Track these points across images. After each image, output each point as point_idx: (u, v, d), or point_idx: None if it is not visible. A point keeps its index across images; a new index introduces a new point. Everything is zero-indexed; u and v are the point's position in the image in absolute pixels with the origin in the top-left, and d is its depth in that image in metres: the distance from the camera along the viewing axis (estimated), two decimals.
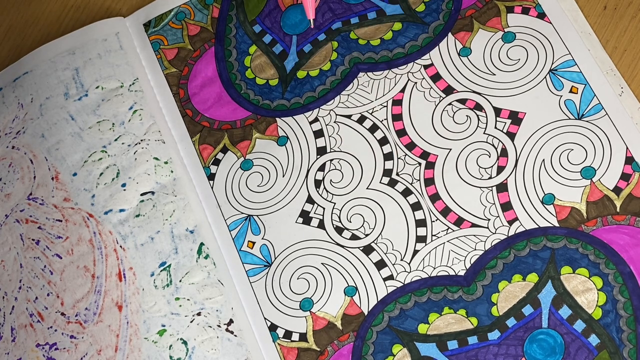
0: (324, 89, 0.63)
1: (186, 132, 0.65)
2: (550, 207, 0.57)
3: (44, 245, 0.62)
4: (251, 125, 0.64)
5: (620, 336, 0.54)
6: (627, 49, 0.60)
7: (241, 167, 0.63)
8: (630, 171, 0.57)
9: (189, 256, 0.61)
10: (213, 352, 0.58)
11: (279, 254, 0.60)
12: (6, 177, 0.65)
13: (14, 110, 0.66)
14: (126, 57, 0.67)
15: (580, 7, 0.61)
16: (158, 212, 0.62)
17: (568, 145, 0.58)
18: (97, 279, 0.61)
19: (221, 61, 0.66)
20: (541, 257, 0.56)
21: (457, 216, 0.58)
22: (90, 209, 0.63)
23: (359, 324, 0.58)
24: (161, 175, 0.63)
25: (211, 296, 0.60)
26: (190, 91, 0.66)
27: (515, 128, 0.59)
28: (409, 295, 0.57)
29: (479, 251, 0.57)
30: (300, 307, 0.59)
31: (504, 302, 0.56)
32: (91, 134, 0.65)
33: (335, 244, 0.60)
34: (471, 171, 0.59)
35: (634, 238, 0.56)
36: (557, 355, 0.54)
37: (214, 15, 0.67)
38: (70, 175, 0.64)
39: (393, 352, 0.57)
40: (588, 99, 0.59)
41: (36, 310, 0.61)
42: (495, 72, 0.61)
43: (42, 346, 0.60)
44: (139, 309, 0.60)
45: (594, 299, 0.55)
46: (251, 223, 0.61)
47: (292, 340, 0.58)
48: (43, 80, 0.66)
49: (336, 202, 0.61)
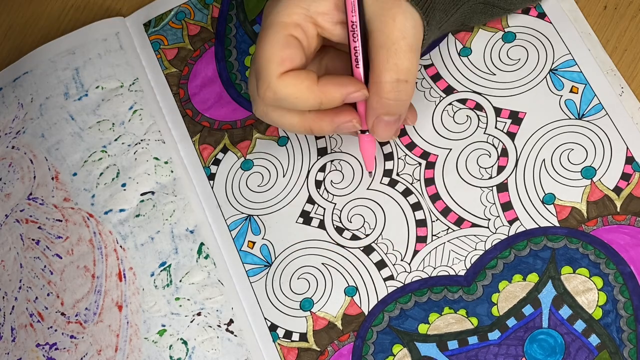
0: None
1: (186, 132, 0.65)
2: (551, 207, 0.57)
3: (44, 245, 0.62)
4: (251, 125, 0.64)
5: (620, 336, 0.54)
6: (627, 49, 0.60)
7: (241, 167, 0.63)
8: (631, 171, 0.57)
9: (189, 256, 0.61)
10: (213, 352, 0.58)
11: (279, 254, 0.60)
12: (6, 177, 0.65)
13: (13, 110, 0.66)
14: (126, 57, 0.67)
15: (580, 7, 0.61)
16: (158, 212, 0.62)
17: (568, 145, 0.58)
18: (97, 279, 0.61)
19: (221, 61, 0.66)
20: (541, 257, 0.56)
21: (457, 216, 0.58)
22: (90, 209, 0.63)
23: (359, 324, 0.58)
24: (161, 175, 0.63)
25: (211, 296, 0.60)
26: (190, 91, 0.66)
27: (515, 128, 0.59)
28: (409, 295, 0.57)
29: (479, 251, 0.57)
30: (301, 307, 0.59)
31: (504, 302, 0.56)
32: (91, 134, 0.65)
33: (336, 244, 0.60)
34: (471, 171, 0.59)
35: (634, 238, 0.56)
36: (558, 355, 0.54)
37: (214, 15, 0.67)
38: (70, 175, 0.64)
39: (393, 352, 0.57)
40: (588, 98, 0.59)
41: (36, 310, 0.61)
42: (496, 72, 0.61)
43: (42, 346, 0.60)
44: (139, 309, 0.60)
45: (595, 299, 0.55)
46: (251, 223, 0.61)
47: (292, 340, 0.58)
48: (43, 80, 0.66)
49: (337, 203, 0.61)
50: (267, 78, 0.52)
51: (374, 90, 0.53)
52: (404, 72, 0.52)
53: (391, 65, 0.52)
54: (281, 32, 0.52)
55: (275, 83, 0.52)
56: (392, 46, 0.52)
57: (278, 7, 0.53)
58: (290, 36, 0.53)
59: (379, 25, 0.52)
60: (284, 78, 0.52)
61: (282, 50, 0.52)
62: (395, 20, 0.52)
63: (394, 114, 0.54)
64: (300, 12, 0.53)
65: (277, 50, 0.52)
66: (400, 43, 0.52)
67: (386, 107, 0.54)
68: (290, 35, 0.53)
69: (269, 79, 0.52)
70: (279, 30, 0.52)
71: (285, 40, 0.53)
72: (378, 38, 0.52)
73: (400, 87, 0.52)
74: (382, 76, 0.52)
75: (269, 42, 0.52)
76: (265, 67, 0.52)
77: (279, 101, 0.53)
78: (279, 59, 0.52)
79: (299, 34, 0.53)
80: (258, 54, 0.53)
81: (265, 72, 0.52)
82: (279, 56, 0.52)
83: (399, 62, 0.52)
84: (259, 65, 0.53)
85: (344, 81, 0.53)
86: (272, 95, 0.53)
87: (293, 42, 0.53)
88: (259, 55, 0.53)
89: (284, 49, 0.52)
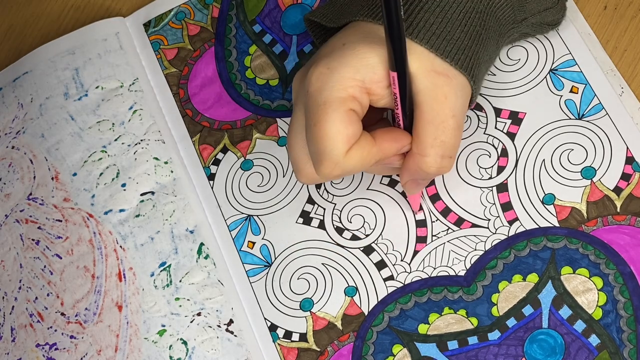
0: None
1: (186, 132, 0.65)
2: (551, 207, 0.57)
3: (43, 246, 0.62)
4: (251, 125, 0.64)
5: (620, 336, 0.54)
6: (627, 49, 0.60)
7: (241, 167, 0.63)
8: (631, 171, 0.57)
9: (189, 256, 0.61)
10: (213, 352, 0.58)
11: (279, 254, 0.60)
12: (6, 177, 0.65)
13: (13, 110, 0.66)
14: (126, 57, 0.67)
15: (580, 7, 0.61)
16: (158, 212, 0.62)
17: (568, 145, 0.58)
18: (97, 279, 0.61)
19: (221, 61, 0.66)
20: (541, 257, 0.56)
21: (457, 216, 0.58)
22: (90, 209, 0.63)
23: (359, 324, 0.58)
24: (161, 175, 0.63)
25: (211, 296, 0.60)
26: (190, 91, 0.66)
27: (515, 128, 0.59)
28: (409, 295, 0.57)
29: (479, 251, 0.57)
30: (301, 307, 0.59)
31: (504, 302, 0.56)
32: (91, 134, 0.65)
33: (336, 245, 0.60)
34: (471, 171, 0.59)
35: (634, 238, 0.56)
36: (557, 355, 0.54)
37: (214, 15, 0.67)
38: (70, 175, 0.64)
39: (393, 352, 0.57)
40: (588, 98, 0.59)
41: (36, 311, 0.61)
42: (495, 72, 0.61)
43: (42, 346, 0.60)
44: (139, 309, 0.60)
45: (594, 299, 0.55)
46: (251, 223, 0.61)
47: (292, 340, 0.58)
48: (43, 80, 0.66)
49: (337, 203, 0.61)
50: (335, 158, 0.50)
51: (416, 160, 0.53)
52: (449, 149, 0.52)
53: (439, 142, 0.52)
54: (341, 108, 0.50)
55: (342, 162, 0.51)
56: (441, 124, 0.51)
57: (332, 82, 0.50)
58: (351, 110, 0.50)
59: (430, 101, 0.51)
60: (350, 153, 0.51)
61: (347, 127, 0.50)
62: (447, 98, 0.51)
63: (429, 180, 0.57)
64: (356, 84, 0.50)
65: (342, 129, 0.50)
66: (449, 121, 0.51)
67: (425, 176, 0.54)
68: (350, 110, 0.50)
69: (337, 159, 0.50)
70: (338, 107, 0.50)
71: (348, 117, 0.50)
72: (428, 113, 0.51)
73: (444, 162, 0.52)
74: (427, 151, 0.52)
75: (331, 121, 0.50)
76: (331, 147, 0.50)
77: (345, 174, 0.52)
78: (345, 138, 0.50)
79: (356, 106, 0.51)
80: (320, 134, 0.50)
81: (332, 152, 0.50)
82: (344, 135, 0.50)
83: (447, 140, 0.52)
84: (323, 146, 0.50)
85: (398, 136, 0.53)
86: (339, 173, 0.51)
87: (353, 117, 0.50)
88: (322, 135, 0.50)
89: (348, 126, 0.50)
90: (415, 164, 0.53)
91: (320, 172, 0.51)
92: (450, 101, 0.51)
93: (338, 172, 0.51)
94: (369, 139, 0.52)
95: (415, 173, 0.54)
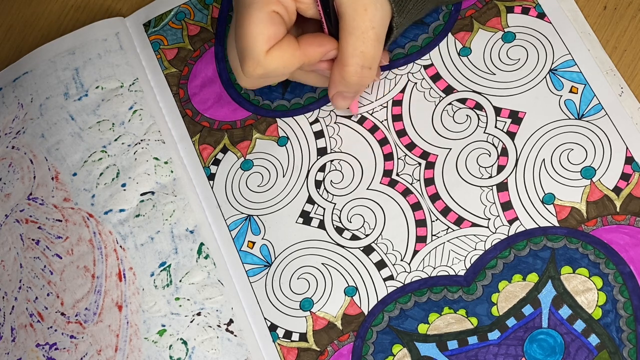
0: (324, 90, 0.63)
1: (186, 132, 0.65)
2: (551, 206, 0.57)
3: (44, 245, 0.62)
4: (251, 125, 0.64)
5: (620, 336, 0.54)
6: (627, 49, 0.60)
7: (241, 167, 0.63)
8: (630, 171, 0.57)
9: (189, 256, 0.61)
10: (213, 352, 0.58)
11: (279, 254, 0.60)
12: (6, 177, 0.65)
13: (13, 110, 0.67)
14: (126, 57, 0.67)
15: (580, 7, 0.61)
16: (158, 212, 0.62)
17: (568, 145, 0.58)
18: (97, 279, 0.61)
19: (221, 61, 0.66)
20: (541, 257, 0.56)
21: (457, 216, 0.58)
22: (90, 209, 0.63)
23: (359, 324, 0.58)
24: (161, 175, 0.63)
25: (211, 296, 0.60)
26: (190, 91, 0.66)
27: (515, 127, 0.59)
28: (409, 295, 0.57)
29: (479, 251, 0.57)
30: (300, 307, 0.59)
31: (504, 302, 0.56)
32: (91, 134, 0.65)
33: (336, 244, 0.60)
34: (471, 170, 0.59)
35: (634, 238, 0.56)
36: (557, 355, 0.54)
37: (214, 15, 0.67)
38: (70, 175, 0.64)
39: (393, 352, 0.57)
40: (588, 99, 0.59)
41: (36, 310, 0.61)
42: (495, 72, 0.61)
43: (42, 346, 0.60)
44: (139, 309, 0.60)
45: (594, 299, 0.55)
46: (251, 223, 0.61)
47: (292, 340, 0.58)
48: (43, 80, 0.66)
49: (336, 203, 0.61)
50: (256, 57, 0.54)
51: (339, 70, 0.55)
52: (369, 59, 0.55)
53: (358, 53, 0.54)
54: (264, 9, 0.54)
55: (263, 60, 0.54)
56: (361, 35, 0.54)
57: None
58: (273, 12, 0.54)
59: (351, 12, 0.54)
60: (271, 53, 0.54)
61: (268, 28, 0.53)
62: (367, 10, 0.54)
63: (353, 93, 0.58)
64: None
65: (262, 28, 0.53)
66: (369, 33, 0.54)
67: (347, 87, 0.57)
68: (273, 12, 0.54)
69: (257, 57, 0.54)
70: (261, 7, 0.53)
71: (269, 18, 0.54)
72: (349, 24, 0.54)
73: (364, 72, 0.55)
74: (348, 60, 0.55)
75: (253, 21, 0.53)
76: (252, 46, 0.54)
77: (268, 74, 0.55)
78: (266, 37, 0.54)
79: (280, 9, 0.54)
80: (243, 33, 0.54)
81: (253, 51, 0.54)
82: (265, 34, 0.53)
83: (366, 50, 0.54)
84: (245, 44, 0.54)
85: (322, 40, 0.56)
86: (261, 72, 0.54)
87: (276, 19, 0.54)
88: (244, 34, 0.54)
89: (269, 26, 0.53)
90: (339, 74, 0.56)
91: (245, 71, 0.55)
92: (370, 13, 0.54)
93: (260, 71, 0.54)
94: (292, 42, 0.55)
95: (339, 84, 0.57)
